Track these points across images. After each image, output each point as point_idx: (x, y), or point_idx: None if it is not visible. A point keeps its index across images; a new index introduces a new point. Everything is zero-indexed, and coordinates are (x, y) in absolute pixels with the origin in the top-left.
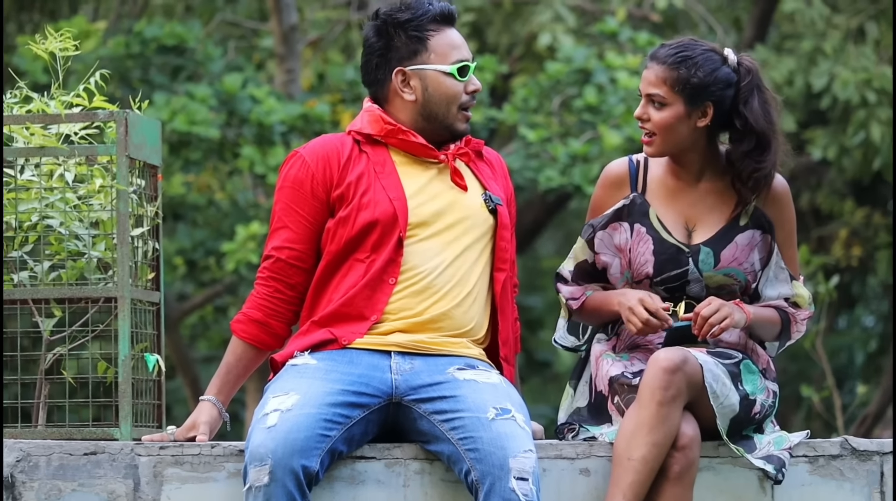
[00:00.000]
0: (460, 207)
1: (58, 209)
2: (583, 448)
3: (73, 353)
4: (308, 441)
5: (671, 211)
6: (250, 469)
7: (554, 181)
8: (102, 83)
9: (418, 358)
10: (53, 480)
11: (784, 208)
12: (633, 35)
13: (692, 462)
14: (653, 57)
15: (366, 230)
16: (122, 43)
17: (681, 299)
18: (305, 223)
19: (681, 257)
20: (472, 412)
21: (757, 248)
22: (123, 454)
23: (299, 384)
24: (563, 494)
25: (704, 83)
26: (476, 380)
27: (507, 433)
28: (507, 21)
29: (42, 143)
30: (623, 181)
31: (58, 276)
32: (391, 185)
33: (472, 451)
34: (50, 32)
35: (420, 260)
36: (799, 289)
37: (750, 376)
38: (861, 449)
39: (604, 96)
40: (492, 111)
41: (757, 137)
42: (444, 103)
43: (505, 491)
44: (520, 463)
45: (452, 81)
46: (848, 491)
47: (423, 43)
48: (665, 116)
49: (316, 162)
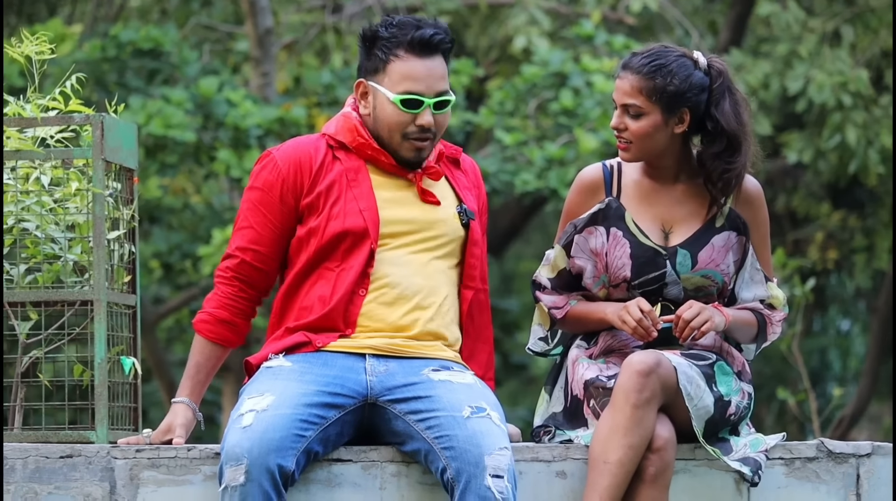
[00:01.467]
0: (433, 219)
1: (34, 212)
2: (559, 450)
3: (49, 356)
4: (284, 441)
5: (647, 214)
6: (226, 469)
7: (530, 185)
8: (78, 87)
9: (393, 360)
10: (30, 483)
11: (757, 209)
12: (609, 38)
13: (668, 465)
14: (626, 66)
15: (336, 241)
16: (98, 46)
17: (655, 301)
18: (271, 226)
19: (658, 259)
20: (447, 410)
21: (732, 249)
22: (100, 457)
23: (274, 385)
24: (539, 496)
25: (680, 90)
26: (451, 381)
27: (483, 430)
28: (484, 24)
29: (18, 146)
30: (598, 187)
31: (34, 279)
32: (363, 195)
33: (447, 449)
34: (26, 36)
35: (391, 271)
36: (774, 290)
37: (724, 377)
38: (837, 452)
39: (580, 100)
40: (468, 114)
41: (728, 139)
42: (386, 128)
43: (480, 489)
44: (495, 461)
45: (394, 109)
46: (824, 494)
47: (384, 64)
48: (642, 125)
49: (288, 167)
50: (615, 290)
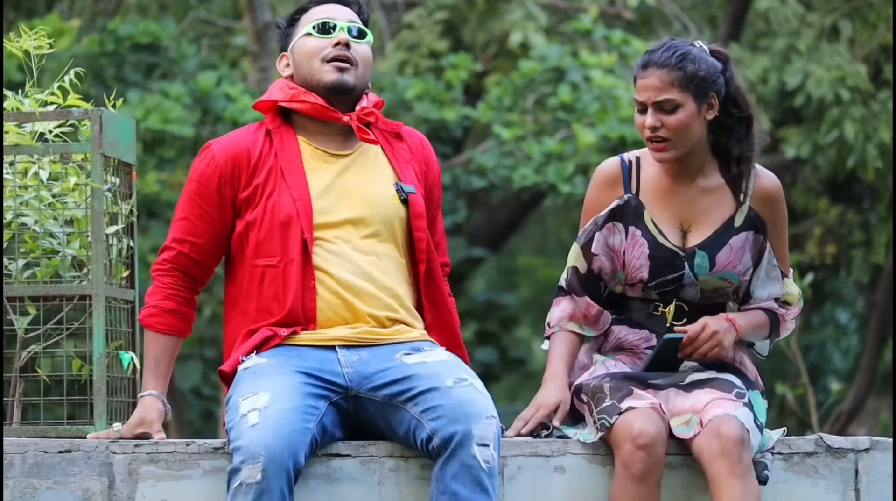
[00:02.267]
0: (370, 201)
1: (32, 207)
2: (558, 445)
3: (47, 351)
4: (294, 436)
5: (666, 212)
6: (243, 468)
7: (528, 180)
8: (77, 81)
9: (363, 349)
10: (28, 478)
11: (777, 206)
12: (607, 33)
13: (657, 462)
14: (647, 65)
15: (272, 233)
16: (96, 41)
17: (670, 300)
18: (208, 219)
19: (676, 261)
20: (430, 384)
21: (749, 249)
22: (98, 451)
23: (263, 383)
24: (537, 491)
25: (709, 75)
26: (426, 361)
27: (468, 398)
28: (482, 19)
29: (16, 141)
30: (616, 181)
31: (32, 274)
32: (296, 184)
33: (434, 419)
34: (24, 30)
35: (334, 260)
36: (789, 287)
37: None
38: (836, 447)
39: (578, 95)
40: (466, 109)
41: (746, 122)
42: (306, 60)
43: (467, 457)
44: (482, 429)
45: (312, 39)
46: (823, 489)
47: (297, 23)
48: (681, 117)
49: (226, 160)
50: (631, 289)
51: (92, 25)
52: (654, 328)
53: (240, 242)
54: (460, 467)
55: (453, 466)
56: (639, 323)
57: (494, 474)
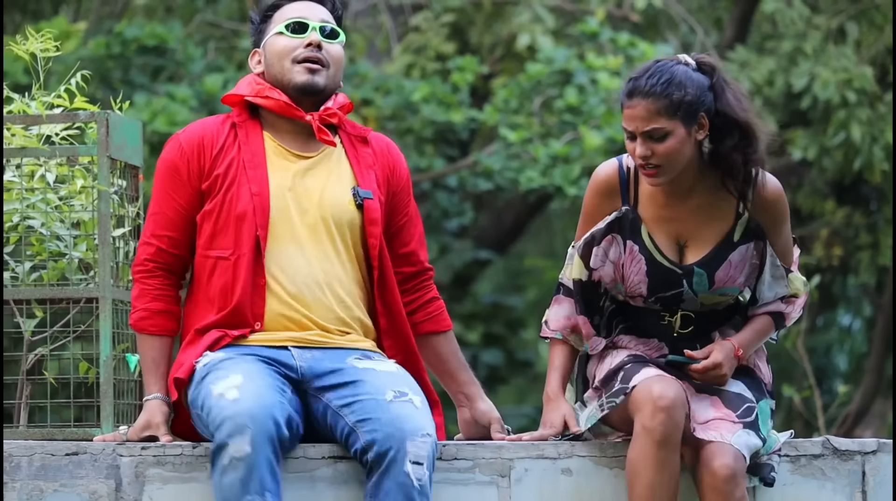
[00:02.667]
0: (326, 204)
1: (39, 210)
2: (565, 447)
3: (54, 353)
4: (274, 408)
5: (663, 227)
6: (230, 442)
7: (535, 182)
8: (83, 84)
9: (316, 350)
10: (35, 480)
11: (777, 208)
12: (614, 35)
13: (676, 425)
14: (633, 93)
15: (227, 226)
16: (102, 44)
17: (673, 314)
18: (181, 210)
19: (674, 278)
20: (370, 395)
21: (750, 261)
22: (105, 454)
23: (230, 368)
24: (544, 493)
25: (695, 97)
26: (374, 369)
27: (405, 414)
28: (489, 21)
29: (23, 143)
30: (613, 190)
31: (39, 276)
32: (256, 179)
33: (369, 432)
34: (31, 33)
35: (286, 264)
36: (794, 283)
37: (764, 417)
38: (843, 449)
39: (584, 97)
40: (473, 112)
41: (740, 128)
42: (277, 59)
43: (399, 475)
44: (416, 447)
45: (284, 38)
46: (830, 491)
47: (269, 20)
48: (671, 145)
49: (191, 149)
50: (632, 300)
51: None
52: (662, 336)
53: (198, 232)
54: (393, 484)
55: (386, 483)
56: (647, 332)
57: (426, 492)
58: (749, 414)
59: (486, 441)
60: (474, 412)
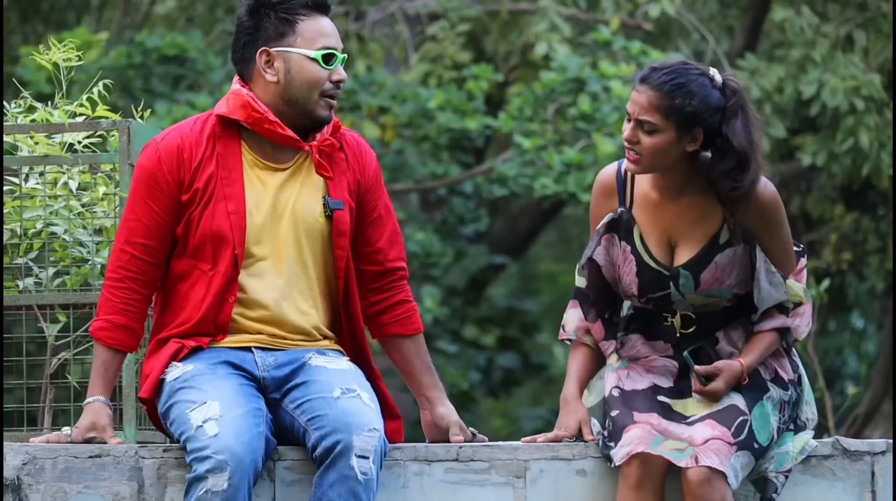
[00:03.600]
0: (299, 218)
1: (62, 217)
2: (579, 449)
3: (77, 357)
4: (253, 441)
5: (654, 228)
6: (210, 476)
7: (549, 189)
8: (105, 93)
9: (278, 352)
10: (59, 482)
11: (771, 216)
12: (627, 44)
13: (651, 471)
14: (644, 80)
15: (205, 242)
16: (124, 53)
17: (673, 315)
18: (157, 218)
19: (662, 280)
20: (319, 393)
21: (740, 263)
22: (128, 456)
23: (205, 391)
24: (559, 494)
25: (698, 111)
26: (326, 366)
27: (352, 409)
28: (504, 30)
29: (46, 151)
30: (612, 191)
31: (62, 282)
32: (233, 195)
33: (318, 429)
34: (53, 43)
35: (258, 282)
36: (792, 289)
37: (762, 422)
38: (852, 450)
39: (598, 105)
40: (488, 119)
41: (738, 157)
42: (306, 88)
43: (345, 468)
44: (363, 441)
45: (316, 66)
46: (840, 491)
47: (291, 26)
48: (656, 141)
49: (170, 159)
50: (630, 299)
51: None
52: (667, 338)
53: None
54: (338, 476)
55: (331, 475)
56: (654, 333)
57: (371, 486)
58: (742, 430)
59: (503, 442)
60: (434, 415)
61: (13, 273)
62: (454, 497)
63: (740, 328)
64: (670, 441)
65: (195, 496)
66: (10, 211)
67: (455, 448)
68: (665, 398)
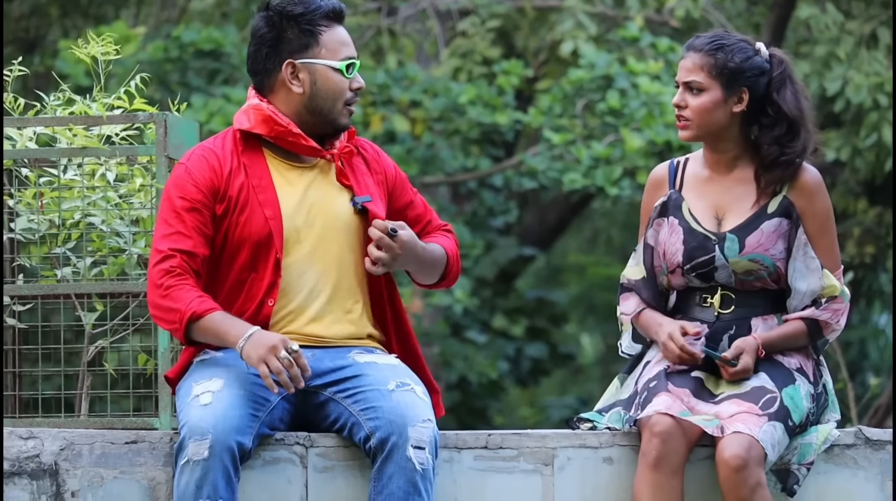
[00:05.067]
0: (331, 216)
1: (99, 208)
2: (606, 437)
3: (114, 346)
4: (242, 420)
5: (702, 202)
6: (189, 443)
7: (577, 183)
8: (142, 86)
9: (318, 349)
10: (96, 467)
11: (813, 198)
12: (654, 41)
13: (672, 451)
14: (689, 47)
15: (243, 248)
16: (161, 47)
17: (715, 289)
18: (199, 231)
19: (708, 244)
20: (372, 386)
21: (783, 236)
22: (163, 443)
23: (218, 370)
24: (586, 482)
25: (740, 68)
26: (376, 362)
27: (407, 402)
28: (533, 26)
29: (84, 143)
30: (662, 181)
31: (99, 272)
32: (268, 201)
33: (372, 420)
34: (92, 37)
35: (296, 279)
36: (828, 280)
37: (793, 403)
38: (874, 439)
39: (626, 100)
40: (517, 114)
41: (788, 124)
42: (331, 98)
43: (402, 459)
44: (418, 433)
45: (340, 76)
46: (862, 480)
47: (314, 37)
48: (703, 101)
49: (202, 173)
50: (672, 276)
51: (157, 32)
52: (704, 319)
53: (213, 251)
54: (396, 468)
55: (389, 467)
56: (691, 317)
57: (429, 476)
58: (771, 405)
59: (531, 430)
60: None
61: (52, 263)
62: (483, 484)
63: (776, 323)
64: (698, 415)
65: (179, 464)
66: (48, 201)
67: (484, 435)
68: (699, 372)
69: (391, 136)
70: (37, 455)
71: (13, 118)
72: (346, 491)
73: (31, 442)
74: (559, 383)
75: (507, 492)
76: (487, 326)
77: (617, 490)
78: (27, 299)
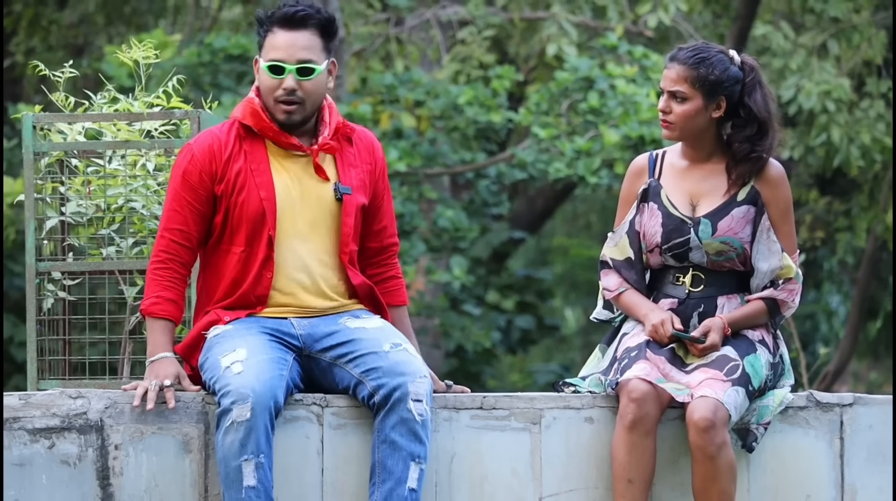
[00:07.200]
0: (318, 199)
1: (140, 194)
2: (587, 399)
3: None
4: (274, 380)
5: (679, 189)
6: (234, 408)
7: (561, 173)
8: (178, 87)
9: (313, 318)
10: (136, 424)
11: (776, 188)
12: (630, 48)
13: (646, 414)
14: (673, 58)
15: (242, 226)
16: (195, 53)
17: (687, 270)
18: (194, 209)
19: (684, 227)
20: (369, 349)
21: (751, 222)
22: (196, 402)
23: (236, 341)
24: (570, 439)
25: (719, 80)
26: (365, 327)
27: (403, 360)
28: (524, 35)
29: (127, 137)
30: (642, 170)
31: (140, 251)
32: (264, 183)
33: (374, 379)
34: (134, 43)
35: (289, 257)
36: (786, 261)
37: (754, 371)
38: (824, 402)
39: (604, 100)
40: (510, 113)
41: (758, 124)
42: (266, 94)
43: (403, 411)
44: (416, 387)
45: (266, 76)
46: (812, 438)
47: (265, 39)
48: (686, 108)
49: (203, 156)
50: (651, 255)
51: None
52: (675, 295)
53: (213, 229)
54: (398, 419)
55: (392, 418)
56: (664, 293)
57: (427, 425)
58: (734, 371)
59: (521, 393)
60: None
61: (98, 242)
62: (478, 441)
63: (739, 302)
64: (671, 383)
65: (223, 427)
66: (95, 188)
67: (479, 397)
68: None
69: (399, 132)
70: (84, 413)
71: (65, 115)
72: (357, 447)
73: (80, 401)
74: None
75: (499, 447)
76: (482, 300)
77: (597, 446)
78: (76, 275)
